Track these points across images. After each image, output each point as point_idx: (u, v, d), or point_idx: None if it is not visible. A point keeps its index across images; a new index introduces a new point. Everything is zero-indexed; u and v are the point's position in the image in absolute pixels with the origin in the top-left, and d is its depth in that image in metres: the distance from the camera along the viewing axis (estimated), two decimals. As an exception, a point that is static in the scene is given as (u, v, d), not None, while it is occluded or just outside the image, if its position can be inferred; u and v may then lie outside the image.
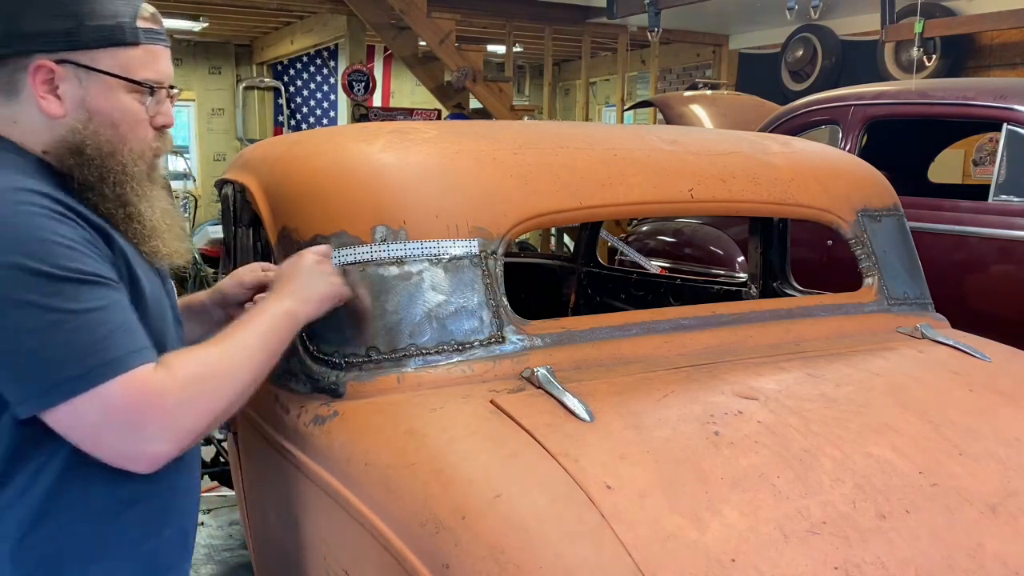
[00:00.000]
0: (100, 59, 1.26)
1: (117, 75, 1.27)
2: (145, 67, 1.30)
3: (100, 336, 1.14)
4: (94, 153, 1.27)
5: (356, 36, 8.52)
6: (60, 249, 1.14)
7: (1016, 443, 1.43)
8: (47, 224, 1.15)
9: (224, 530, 3.66)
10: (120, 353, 1.15)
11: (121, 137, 1.29)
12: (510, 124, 2.24)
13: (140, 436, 1.17)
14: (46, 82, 1.25)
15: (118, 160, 1.28)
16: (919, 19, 6.53)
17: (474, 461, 1.26)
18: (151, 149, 1.34)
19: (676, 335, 1.70)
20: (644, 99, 7.67)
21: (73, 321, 1.13)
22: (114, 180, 1.28)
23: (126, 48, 1.28)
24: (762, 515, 1.17)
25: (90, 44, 1.25)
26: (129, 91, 1.29)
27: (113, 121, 1.28)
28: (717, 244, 4.47)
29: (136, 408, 1.16)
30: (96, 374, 1.13)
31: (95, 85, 1.27)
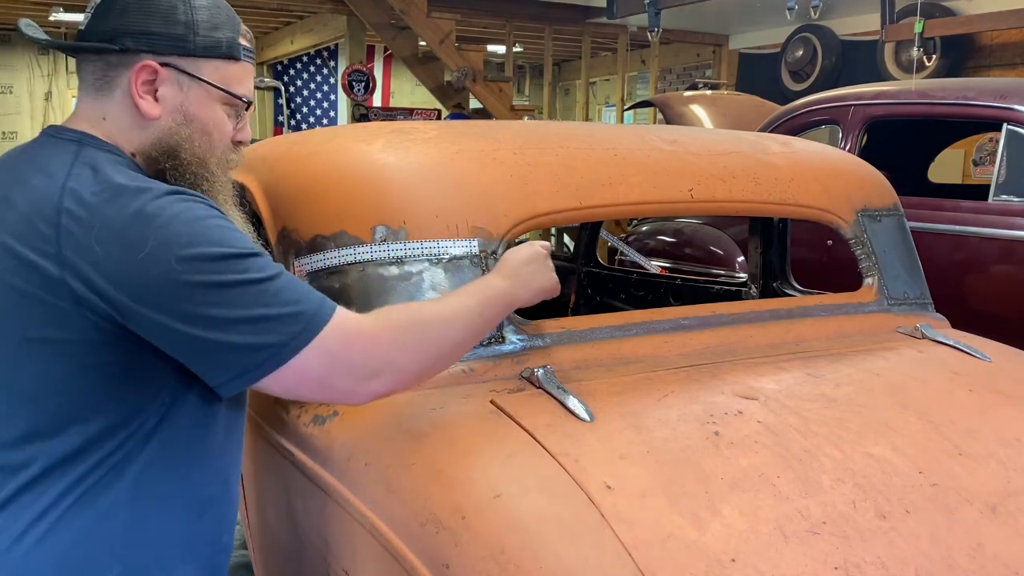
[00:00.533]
0: (204, 69, 1.28)
1: (219, 87, 1.29)
2: (241, 83, 1.33)
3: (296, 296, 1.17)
4: (189, 158, 1.28)
5: (356, 36, 8.52)
6: (229, 232, 1.18)
7: (1016, 443, 1.43)
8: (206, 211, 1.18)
9: (224, 530, 3.65)
10: (316, 306, 1.18)
11: (212, 146, 1.31)
12: (510, 124, 2.24)
13: (358, 374, 1.21)
14: (147, 83, 1.26)
15: (209, 168, 1.30)
16: (919, 19, 6.53)
17: (474, 461, 1.26)
18: (230, 162, 1.36)
19: (676, 335, 1.70)
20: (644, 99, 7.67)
21: (270, 288, 1.16)
22: (205, 188, 1.29)
23: (228, 62, 1.31)
24: (762, 515, 1.17)
25: (198, 53, 1.27)
26: (223, 104, 1.31)
27: (207, 130, 1.30)
28: (717, 244, 4.47)
29: (352, 347, 1.19)
30: (309, 330, 1.16)
31: (195, 92, 1.28)
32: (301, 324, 1.15)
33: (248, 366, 1.15)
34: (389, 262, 1.54)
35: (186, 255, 1.12)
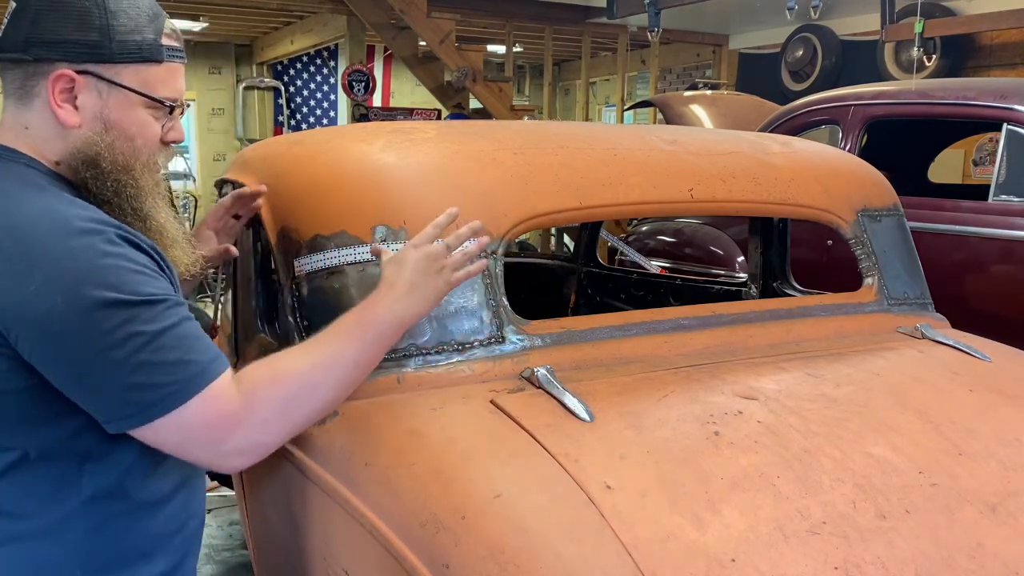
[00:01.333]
0: (123, 74, 1.26)
1: (139, 91, 1.27)
2: (165, 85, 1.30)
3: (178, 354, 1.16)
4: (109, 166, 1.26)
5: (356, 36, 8.52)
6: (130, 275, 1.15)
7: (1016, 443, 1.43)
8: (107, 248, 1.15)
9: (224, 530, 3.66)
10: (197, 370, 1.17)
11: (136, 151, 1.29)
12: (510, 124, 2.24)
13: (219, 451, 1.21)
14: (65, 91, 1.24)
15: (132, 175, 1.28)
16: (919, 19, 6.53)
17: (474, 461, 1.26)
18: (157, 164, 1.34)
19: (676, 335, 1.70)
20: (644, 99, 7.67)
21: (154, 342, 1.14)
22: (129, 194, 1.28)
23: (149, 65, 1.28)
24: (762, 515, 1.17)
25: (115, 58, 1.24)
26: (146, 107, 1.29)
27: (130, 135, 1.28)
28: (717, 244, 4.47)
29: (212, 427, 1.19)
30: (173, 398, 1.15)
31: (115, 99, 1.26)
32: (164, 392, 1.15)
33: (112, 415, 1.16)
34: (389, 262, 1.54)
35: (72, 291, 1.11)
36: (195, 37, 10.66)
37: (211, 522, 3.73)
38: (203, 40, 11.10)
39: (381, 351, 1.37)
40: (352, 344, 1.32)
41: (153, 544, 1.29)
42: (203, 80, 11.66)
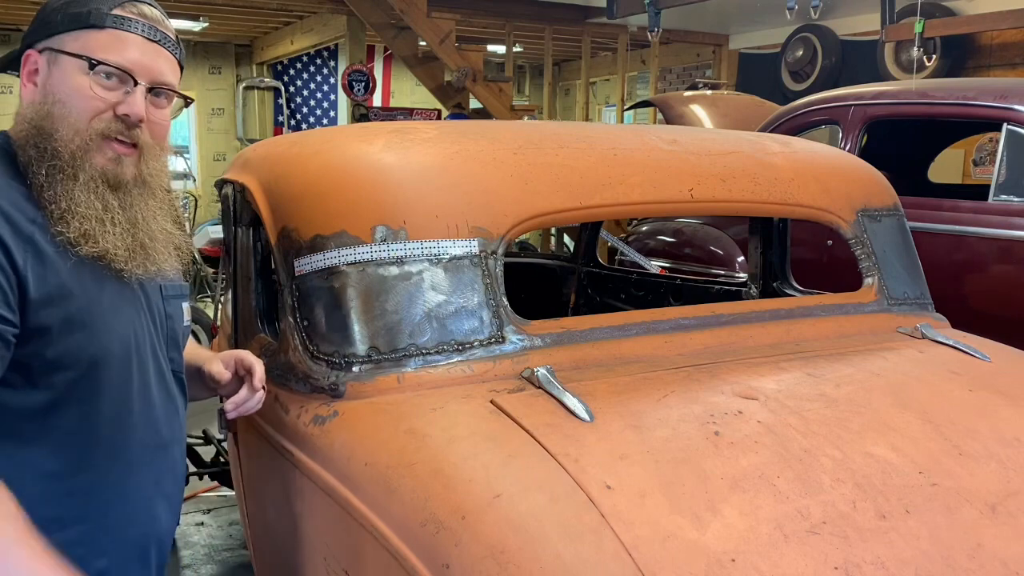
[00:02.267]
0: (65, 42, 1.30)
1: (72, 53, 1.28)
2: (105, 50, 1.28)
3: None
4: (34, 132, 1.26)
5: (356, 36, 8.52)
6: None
7: (1016, 443, 1.43)
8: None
9: (224, 530, 3.66)
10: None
11: (64, 115, 1.26)
12: (510, 124, 2.24)
13: None
14: (32, 72, 1.31)
15: (53, 137, 1.25)
16: (919, 19, 6.53)
17: (474, 461, 1.26)
18: (97, 132, 1.27)
19: (676, 335, 1.70)
20: (644, 99, 7.67)
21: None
22: (45, 158, 1.24)
23: (91, 31, 1.29)
24: (762, 515, 1.17)
25: (61, 29, 1.30)
26: (84, 71, 1.28)
27: (62, 99, 1.27)
28: (717, 244, 4.47)
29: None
30: None
31: (57, 68, 1.29)
32: None
33: None
34: (389, 262, 1.54)
35: None
36: (195, 37, 10.66)
37: (211, 522, 3.73)
38: (203, 40, 11.10)
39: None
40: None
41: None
42: (203, 80, 11.66)
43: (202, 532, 3.62)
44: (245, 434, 1.97)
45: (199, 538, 3.57)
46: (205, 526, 3.68)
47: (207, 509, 3.82)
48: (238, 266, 2.20)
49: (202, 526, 3.68)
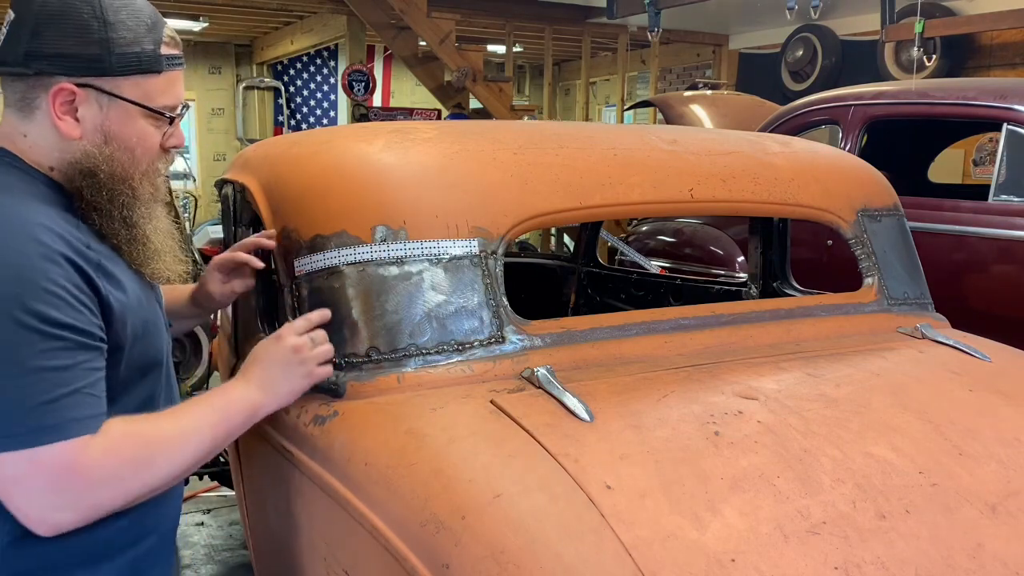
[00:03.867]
0: (123, 86, 1.27)
1: (138, 103, 1.28)
2: (164, 94, 1.31)
3: (48, 399, 1.13)
4: (106, 178, 1.28)
5: (356, 36, 8.52)
6: (43, 295, 1.13)
7: (1016, 443, 1.43)
8: (39, 265, 1.14)
9: (224, 530, 3.66)
10: (60, 421, 1.13)
11: (135, 161, 1.30)
12: (510, 124, 2.24)
13: (53, 502, 1.15)
14: (65, 104, 1.25)
15: (128, 184, 1.30)
16: (919, 19, 6.53)
17: (474, 461, 1.26)
18: (156, 171, 1.35)
19: (676, 335, 1.70)
20: (644, 99, 7.67)
21: (28, 377, 1.12)
22: (123, 203, 1.29)
23: (149, 76, 1.29)
24: (762, 515, 1.17)
25: (114, 71, 1.26)
26: (146, 117, 1.30)
27: (130, 146, 1.29)
28: (717, 244, 4.47)
29: (60, 476, 1.14)
30: (29, 437, 1.12)
31: (115, 111, 1.28)
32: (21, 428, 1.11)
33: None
34: (389, 262, 1.54)
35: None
36: (195, 37, 10.66)
37: (211, 522, 3.73)
38: (203, 40, 11.10)
39: (232, 432, 1.37)
40: (207, 420, 1.32)
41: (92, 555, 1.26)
42: (203, 80, 11.67)
43: (202, 532, 3.62)
44: (245, 434, 1.97)
45: (199, 538, 3.57)
46: (205, 526, 3.68)
47: (207, 509, 3.83)
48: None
49: (202, 526, 3.68)
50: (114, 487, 1.19)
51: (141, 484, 1.22)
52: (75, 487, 1.16)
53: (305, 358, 1.43)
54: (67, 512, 1.17)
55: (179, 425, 1.28)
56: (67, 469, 1.14)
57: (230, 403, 1.36)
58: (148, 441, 1.24)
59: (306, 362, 1.44)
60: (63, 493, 1.15)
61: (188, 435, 1.28)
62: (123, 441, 1.20)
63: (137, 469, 1.21)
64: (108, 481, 1.18)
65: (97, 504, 1.19)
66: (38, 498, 1.15)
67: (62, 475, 1.14)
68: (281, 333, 1.45)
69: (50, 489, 1.15)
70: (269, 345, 1.44)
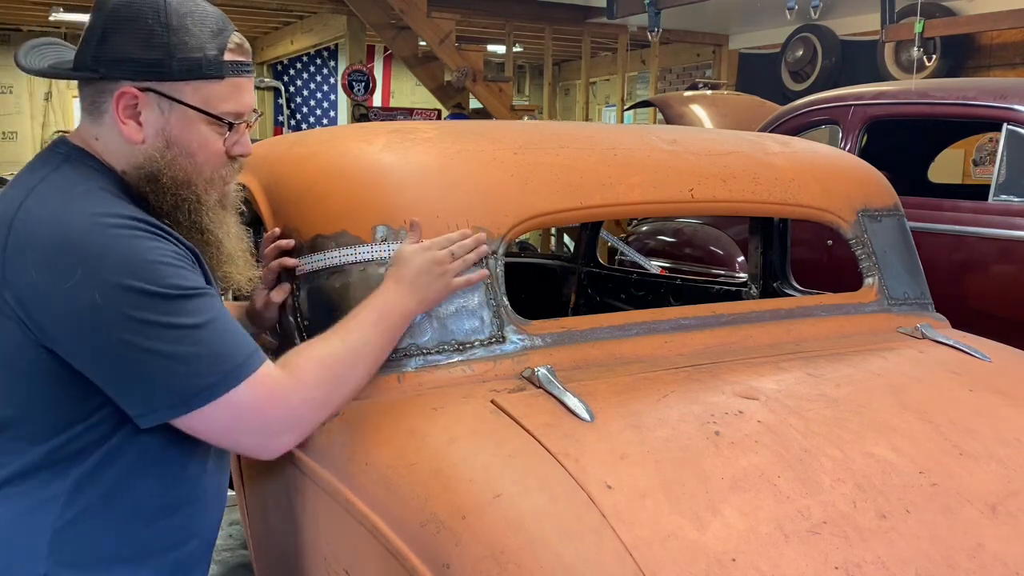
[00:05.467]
0: (184, 91, 1.28)
1: (198, 108, 1.29)
2: (227, 100, 1.31)
3: (220, 346, 1.21)
4: (169, 182, 1.29)
5: (356, 36, 8.52)
6: (165, 268, 1.19)
7: (1016, 443, 1.43)
8: (147, 244, 1.19)
9: (224, 530, 3.66)
10: (240, 360, 1.22)
11: (197, 167, 1.32)
12: (510, 124, 2.24)
13: (268, 432, 1.26)
14: (128, 107, 1.27)
15: (192, 190, 1.31)
16: (919, 19, 6.53)
17: (474, 461, 1.26)
18: (222, 178, 1.36)
19: (676, 335, 1.70)
20: (644, 99, 7.67)
21: (193, 335, 1.18)
22: (189, 208, 1.31)
23: (210, 82, 1.29)
24: (762, 515, 1.17)
25: (175, 76, 1.27)
26: (208, 123, 1.31)
27: (191, 151, 1.30)
28: (717, 244, 4.47)
29: (262, 408, 1.24)
30: (223, 383, 1.20)
31: (176, 115, 1.29)
32: (214, 377, 1.19)
33: (153, 405, 1.18)
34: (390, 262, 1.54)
35: (112, 286, 1.14)
36: (195, 37, 10.63)
37: (211, 522, 3.73)
38: (203, 40, 11.07)
39: (395, 337, 1.45)
40: (375, 330, 1.40)
41: (138, 552, 1.29)
42: (203, 80, 11.64)
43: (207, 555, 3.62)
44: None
45: (199, 538, 3.57)
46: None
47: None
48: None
49: (202, 526, 3.68)
50: (312, 406, 1.30)
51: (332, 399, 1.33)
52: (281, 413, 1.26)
53: (446, 269, 1.50)
54: (285, 435, 1.29)
55: (348, 342, 1.36)
56: (268, 400, 1.24)
57: (390, 310, 1.43)
58: (327, 362, 1.33)
59: (446, 273, 1.50)
60: (273, 423, 1.26)
61: (360, 349, 1.37)
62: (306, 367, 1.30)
63: (325, 388, 1.31)
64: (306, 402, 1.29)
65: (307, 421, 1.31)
66: (255, 434, 1.26)
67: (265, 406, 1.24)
68: (427, 244, 1.51)
69: (261, 422, 1.25)
70: (416, 253, 1.50)
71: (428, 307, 1.49)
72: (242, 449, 1.31)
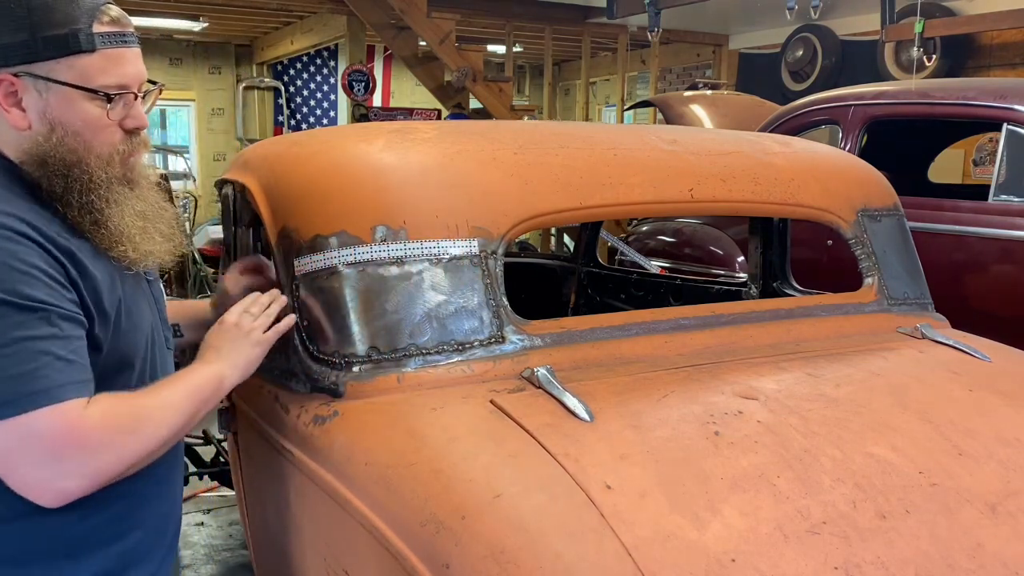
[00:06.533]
0: (57, 70, 1.25)
1: (74, 84, 1.25)
2: (104, 73, 1.27)
3: (31, 367, 1.14)
4: (58, 164, 1.26)
5: (356, 36, 8.52)
6: (12, 273, 1.15)
7: (1016, 443, 1.43)
8: (4, 247, 1.16)
9: (224, 530, 3.66)
10: (48, 385, 1.15)
11: (85, 145, 1.28)
12: (510, 124, 2.24)
13: (56, 469, 1.17)
14: (9, 95, 1.25)
15: (83, 169, 1.27)
16: (919, 19, 6.53)
17: (474, 461, 1.26)
18: (119, 153, 1.32)
19: (676, 335, 1.70)
20: (644, 99, 7.67)
21: (7, 347, 1.13)
22: (80, 189, 1.27)
23: (82, 56, 1.25)
24: (762, 515, 1.17)
25: (44, 55, 1.24)
26: (90, 99, 1.27)
27: (76, 130, 1.27)
28: (717, 244, 4.47)
29: (58, 440, 1.16)
30: (18, 403, 1.13)
31: (54, 96, 1.26)
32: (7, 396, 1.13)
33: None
34: (389, 262, 1.54)
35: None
36: (195, 37, 10.66)
37: (211, 522, 3.73)
38: (203, 40, 11.10)
39: (206, 403, 1.40)
40: (182, 392, 1.35)
41: (75, 547, 1.28)
42: (203, 80, 11.66)
43: (202, 532, 3.62)
44: (245, 434, 1.97)
45: (199, 538, 3.57)
46: (205, 526, 3.68)
47: (207, 509, 3.82)
48: (238, 266, 2.20)
49: (202, 526, 3.68)
50: (112, 452, 1.21)
51: (133, 451, 1.24)
52: (76, 453, 1.17)
53: (248, 329, 1.51)
54: (72, 479, 1.18)
55: (158, 399, 1.31)
56: (66, 434, 1.16)
57: (197, 378, 1.40)
58: (134, 411, 1.26)
59: (251, 332, 1.51)
60: (65, 460, 1.17)
61: (167, 407, 1.31)
62: (113, 409, 1.22)
63: (129, 436, 1.24)
64: (106, 446, 1.20)
65: (100, 469, 1.21)
66: (41, 467, 1.16)
67: (61, 440, 1.16)
68: (223, 318, 1.53)
69: (52, 456, 1.16)
70: (214, 330, 1.51)
71: (245, 368, 1.49)
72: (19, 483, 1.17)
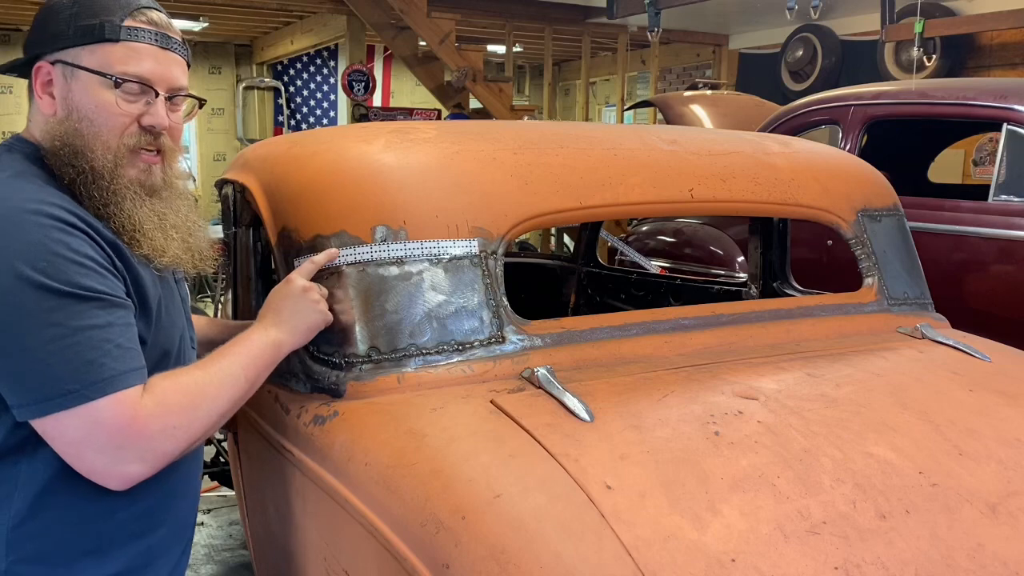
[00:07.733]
0: (82, 56, 1.30)
1: (91, 69, 1.29)
2: (122, 62, 1.30)
3: (95, 355, 1.16)
4: (68, 151, 1.28)
5: (356, 36, 8.51)
6: (67, 264, 1.17)
7: (1016, 443, 1.43)
8: (57, 237, 1.18)
9: (224, 530, 3.66)
10: (111, 374, 1.17)
11: (95, 133, 1.30)
12: (510, 124, 2.24)
13: (119, 456, 1.20)
14: (44, 83, 1.31)
15: (88, 156, 1.29)
16: (919, 19, 6.52)
17: (474, 461, 1.26)
18: (127, 147, 1.32)
19: (676, 335, 1.70)
20: (644, 99, 7.67)
21: (71, 337, 1.15)
22: (86, 180, 1.29)
23: (105, 44, 1.30)
24: (762, 515, 1.17)
25: (74, 42, 1.29)
26: (108, 87, 1.30)
27: (88, 116, 1.30)
28: (717, 244, 4.47)
29: (120, 429, 1.18)
30: (85, 393, 1.16)
31: (77, 82, 1.30)
32: (75, 385, 1.15)
33: (20, 403, 1.16)
34: (389, 262, 1.54)
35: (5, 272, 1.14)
36: (195, 37, 10.65)
37: (211, 522, 3.73)
38: (203, 40, 11.09)
39: (261, 373, 1.41)
40: (238, 363, 1.36)
41: (103, 544, 1.29)
42: (203, 80, 11.65)
43: (202, 532, 3.62)
44: (245, 434, 1.97)
45: (199, 538, 3.57)
46: (205, 526, 3.68)
47: (207, 509, 3.82)
48: (238, 266, 2.20)
49: (202, 526, 3.68)
50: (171, 435, 1.24)
51: (194, 431, 1.27)
52: (136, 440, 1.20)
53: (312, 297, 1.49)
54: (134, 464, 1.21)
55: (211, 373, 1.32)
56: (129, 422, 1.18)
57: (253, 346, 1.40)
58: (190, 390, 1.28)
59: (319, 300, 1.50)
60: (126, 448, 1.19)
61: (224, 381, 1.32)
62: (169, 393, 1.24)
63: (187, 417, 1.26)
64: (166, 431, 1.23)
65: (162, 452, 1.23)
66: (104, 453, 1.19)
67: (124, 429, 1.18)
68: (291, 277, 1.50)
69: (115, 443, 1.19)
70: (281, 288, 1.49)
71: (305, 334, 1.48)
72: (86, 468, 1.20)
